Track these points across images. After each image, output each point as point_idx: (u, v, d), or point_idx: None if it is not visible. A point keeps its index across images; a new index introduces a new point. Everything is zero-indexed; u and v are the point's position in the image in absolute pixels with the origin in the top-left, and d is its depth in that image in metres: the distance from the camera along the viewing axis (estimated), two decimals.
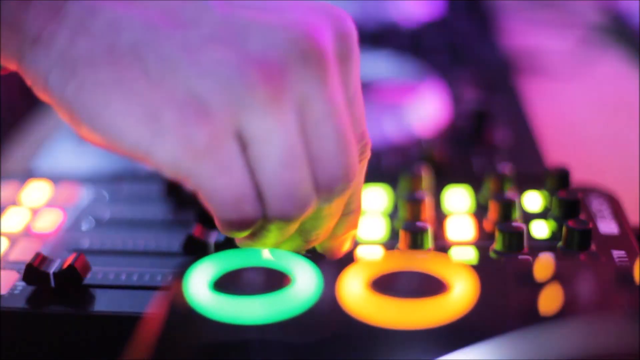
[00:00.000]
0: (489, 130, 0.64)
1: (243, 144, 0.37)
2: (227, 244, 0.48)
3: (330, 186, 0.39)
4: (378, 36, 0.88)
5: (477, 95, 0.72)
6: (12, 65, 0.41)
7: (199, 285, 0.34)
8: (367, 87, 0.78)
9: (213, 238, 0.48)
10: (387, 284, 0.34)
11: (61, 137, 0.70)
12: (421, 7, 1.02)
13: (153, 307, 0.35)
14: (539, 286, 0.33)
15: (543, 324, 0.31)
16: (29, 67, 0.39)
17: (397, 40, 0.88)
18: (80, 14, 0.38)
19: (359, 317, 0.32)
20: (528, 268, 0.34)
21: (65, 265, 0.46)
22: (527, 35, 0.99)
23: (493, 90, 0.73)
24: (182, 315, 0.33)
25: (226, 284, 0.34)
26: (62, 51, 0.38)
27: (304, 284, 0.34)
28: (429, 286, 0.33)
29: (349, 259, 0.36)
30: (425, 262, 0.35)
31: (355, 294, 0.33)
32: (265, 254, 0.37)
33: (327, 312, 0.33)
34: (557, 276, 0.34)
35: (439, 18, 0.98)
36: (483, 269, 0.35)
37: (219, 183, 0.37)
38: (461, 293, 0.33)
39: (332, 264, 0.36)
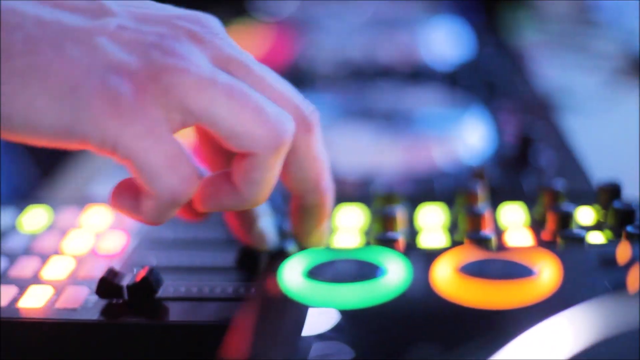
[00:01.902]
0: (534, 154, 0.66)
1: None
2: (282, 254, 0.48)
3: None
4: (415, 75, 0.91)
5: (519, 123, 0.74)
6: None
7: (293, 275, 0.35)
8: (414, 119, 0.80)
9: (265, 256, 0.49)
10: (475, 269, 0.35)
11: (115, 165, 0.71)
12: (451, 50, 1.04)
13: (249, 297, 0.36)
14: (622, 269, 0.34)
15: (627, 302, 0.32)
16: None
17: (434, 79, 0.90)
18: None
19: (451, 298, 0.33)
20: (611, 253, 0.35)
21: (138, 279, 0.47)
22: (556, 75, 1.01)
23: (534, 119, 0.75)
24: (278, 301, 0.34)
25: (319, 273, 0.36)
26: None
27: (396, 272, 0.35)
28: (516, 270, 0.35)
29: (436, 252, 0.37)
30: (510, 252, 0.36)
31: (445, 278, 0.34)
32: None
33: (420, 295, 0.34)
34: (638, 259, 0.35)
35: (470, 60, 1.00)
36: (566, 254, 0.36)
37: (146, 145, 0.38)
38: (547, 276, 0.34)
39: (420, 256, 0.37)
